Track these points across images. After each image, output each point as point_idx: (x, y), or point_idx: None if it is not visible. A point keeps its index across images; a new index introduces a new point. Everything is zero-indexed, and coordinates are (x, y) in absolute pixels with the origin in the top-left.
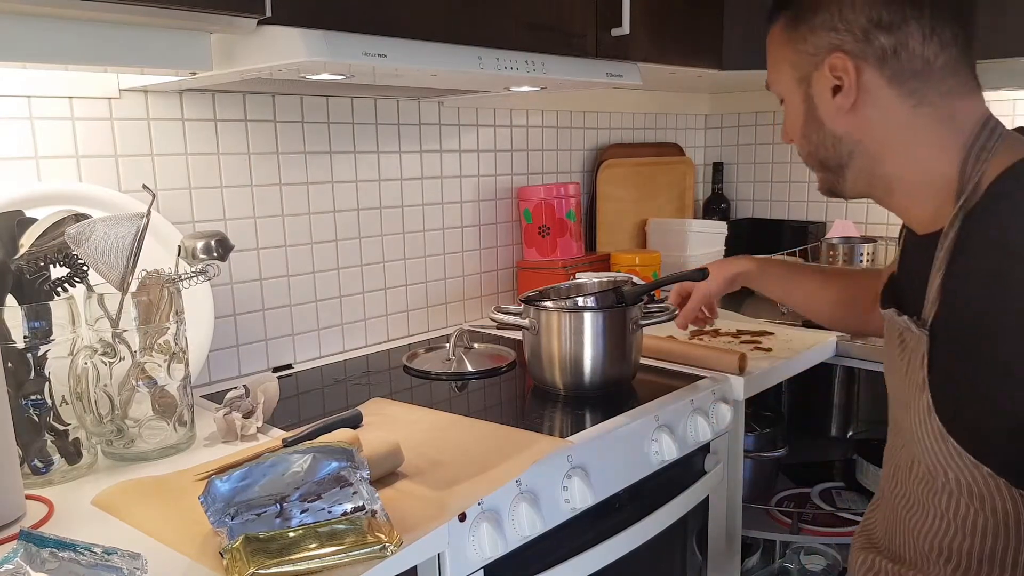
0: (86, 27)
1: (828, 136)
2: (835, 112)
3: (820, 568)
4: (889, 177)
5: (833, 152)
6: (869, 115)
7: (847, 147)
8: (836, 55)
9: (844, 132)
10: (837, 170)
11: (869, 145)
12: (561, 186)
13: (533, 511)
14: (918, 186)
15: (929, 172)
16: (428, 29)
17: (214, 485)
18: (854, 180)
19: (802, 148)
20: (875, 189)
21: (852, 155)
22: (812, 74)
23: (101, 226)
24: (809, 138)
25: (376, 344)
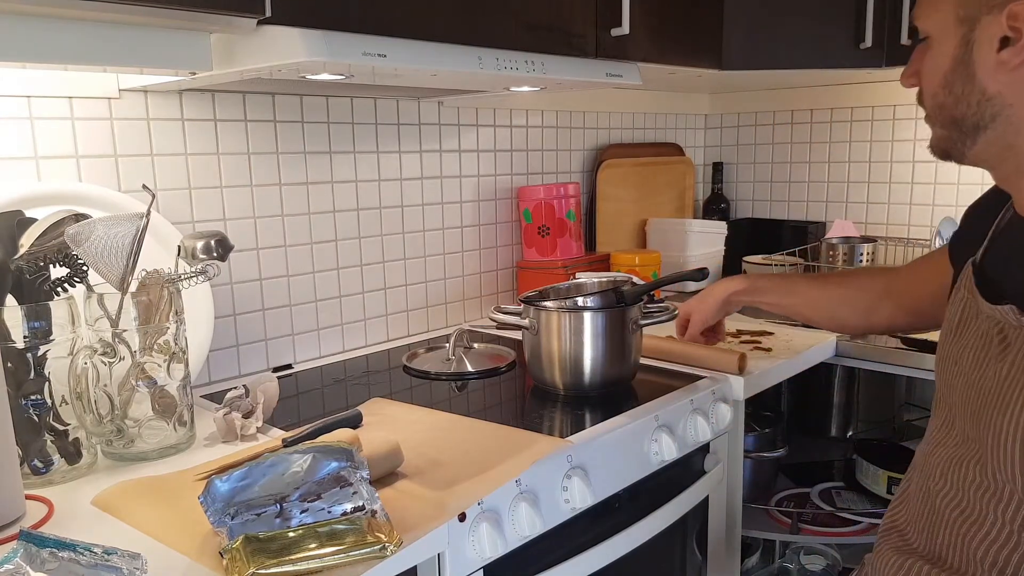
0: (86, 27)
1: (976, 91)
2: (995, 66)
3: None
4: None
5: (975, 111)
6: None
7: (993, 109)
8: (1022, 2)
9: (996, 92)
10: (970, 131)
11: (1020, 112)
12: (561, 186)
13: (533, 511)
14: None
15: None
16: (428, 29)
17: (214, 485)
18: (984, 146)
19: (935, 97)
20: (1004, 163)
21: (995, 119)
22: (982, 17)
23: (101, 226)
24: (951, 88)
25: (376, 344)
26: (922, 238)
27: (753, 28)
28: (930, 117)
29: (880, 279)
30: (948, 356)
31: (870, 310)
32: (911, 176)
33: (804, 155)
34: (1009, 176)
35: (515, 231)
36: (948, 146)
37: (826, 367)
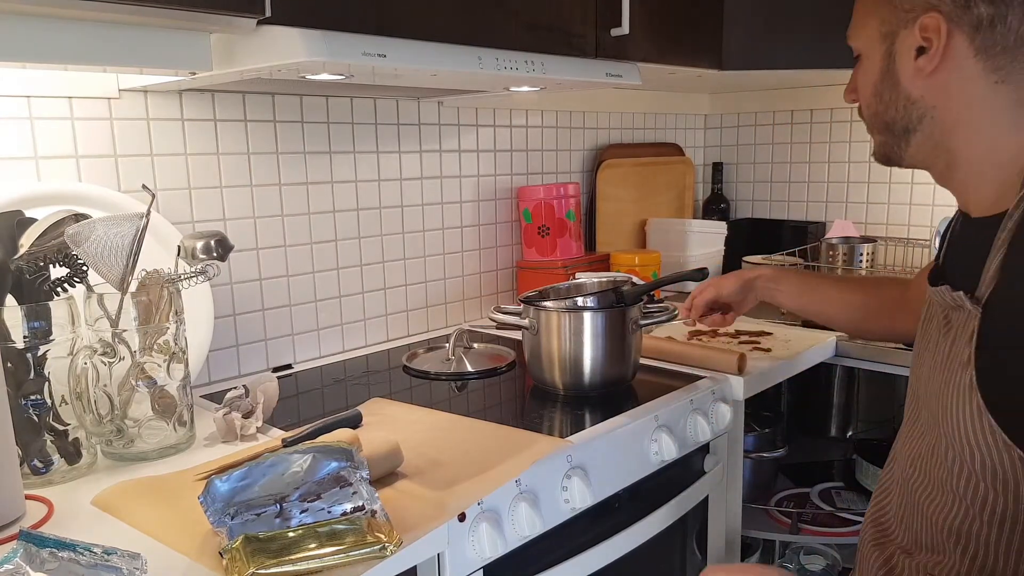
0: (86, 27)
1: (902, 97)
2: (914, 73)
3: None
4: (955, 152)
5: (902, 115)
6: (948, 82)
7: (919, 111)
8: (930, 15)
9: (919, 96)
10: (902, 134)
11: (942, 114)
12: (561, 186)
13: (533, 511)
14: (984, 165)
15: (997, 151)
16: (428, 29)
17: (214, 485)
18: (917, 147)
19: (869, 107)
20: (937, 161)
21: (922, 121)
22: (900, 31)
23: (101, 226)
24: (881, 96)
25: (376, 344)
26: (922, 238)
27: (753, 28)
28: (869, 126)
29: (897, 288)
30: (915, 351)
31: (892, 318)
32: (911, 176)
33: (804, 155)
34: (943, 173)
35: (515, 231)
36: (887, 151)
37: (826, 367)
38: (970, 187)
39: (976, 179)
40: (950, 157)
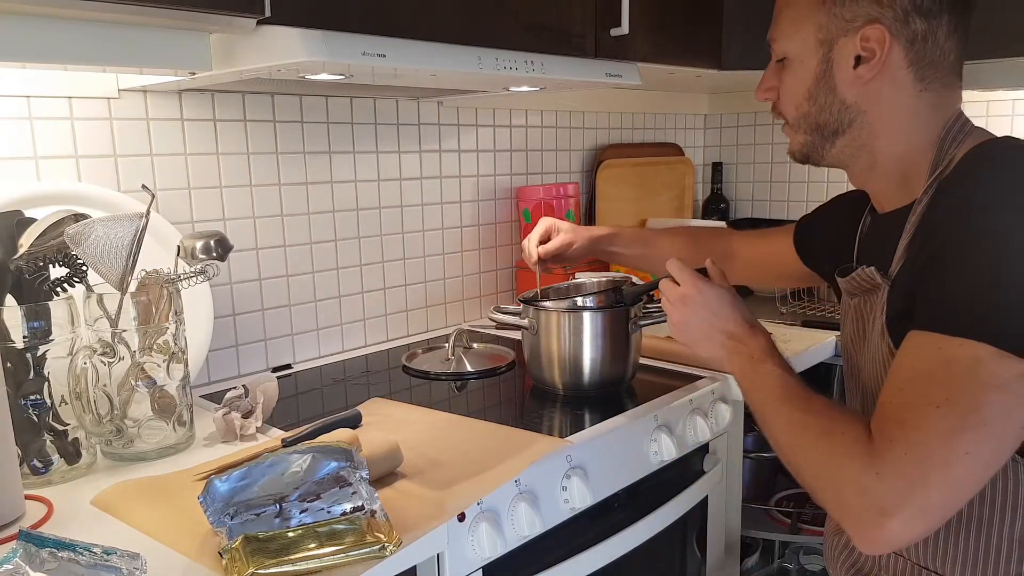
0: (85, 27)
1: (836, 101)
2: (852, 80)
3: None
4: (877, 152)
5: (835, 118)
6: (882, 90)
7: (850, 116)
8: (874, 27)
9: (853, 101)
10: (830, 136)
11: (871, 118)
12: (560, 186)
13: (532, 511)
14: (900, 164)
15: (912, 151)
16: (427, 29)
17: (213, 485)
18: (841, 149)
19: (799, 108)
20: (858, 160)
21: (852, 124)
22: (839, 39)
23: (100, 226)
24: (815, 100)
25: (375, 344)
26: None
27: (752, 28)
28: (792, 126)
29: (723, 241)
30: (846, 334)
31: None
32: None
33: None
34: (863, 172)
35: (515, 231)
36: (809, 150)
37: (826, 367)
38: (886, 184)
39: (893, 177)
40: (872, 158)
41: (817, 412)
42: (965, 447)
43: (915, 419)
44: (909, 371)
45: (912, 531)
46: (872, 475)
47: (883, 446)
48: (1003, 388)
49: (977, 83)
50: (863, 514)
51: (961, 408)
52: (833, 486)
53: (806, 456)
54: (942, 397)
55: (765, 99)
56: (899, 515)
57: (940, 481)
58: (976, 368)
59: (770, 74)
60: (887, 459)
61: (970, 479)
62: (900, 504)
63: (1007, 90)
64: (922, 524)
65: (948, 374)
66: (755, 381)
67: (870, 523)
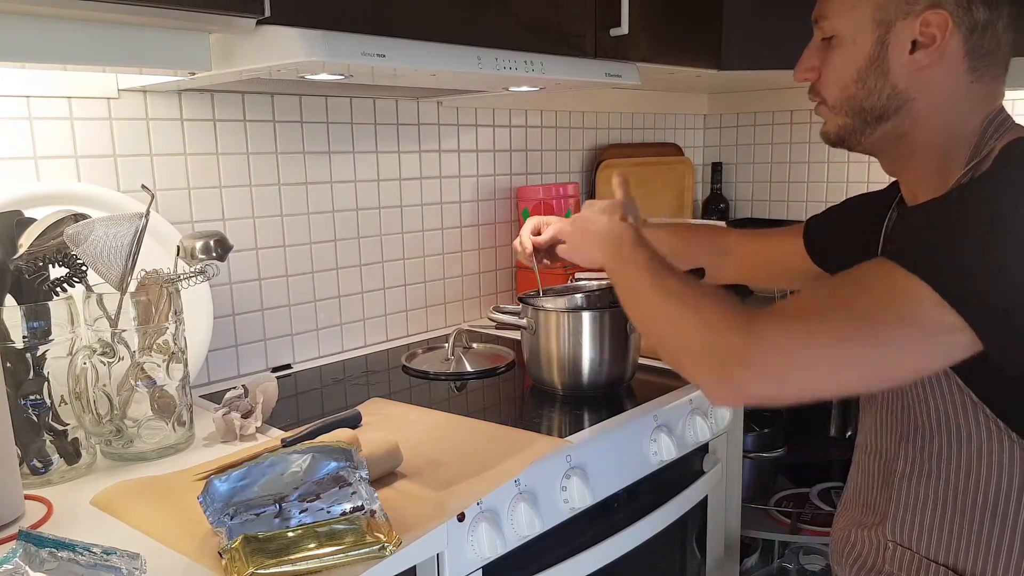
0: (86, 27)
1: (887, 86)
2: (907, 65)
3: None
4: (919, 142)
5: (882, 103)
6: (934, 79)
7: (897, 102)
8: (938, 11)
9: (904, 87)
10: (873, 121)
11: (920, 106)
12: (560, 186)
13: (532, 511)
14: (937, 154)
15: (951, 143)
16: (427, 29)
17: (213, 485)
18: (882, 135)
19: (845, 89)
20: (896, 149)
21: (898, 111)
22: (897, 21)
23: (100, 226)
24: (865, 82)
25: (375, 344)
26: None
27: (752, 28)
28: (833, 108)
29: (719, 238)
30: None
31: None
32: None
33: (803, 155)
34: (897, 161)
35: (514, 231)
36: (846, 134)
37: None
38: (922, 174)
39: (929, 167)
40: (912, 147)
41: (690, 281)
42: (854, 354)
43: (825, 308)
44: (849, 280)
45: (761, 387)
46: (744, 324)
47: (774, 312)
48: (924, 330)
49: None
50: (721, 361)
51: (874, 323)
52: (703, 338)
53: (678, 317)
54: (863, 308)
55: (805, 79)
56: (754, 367)
57: (810, 363)
58: (912, 303)
59: (812, 53)
60: (771, 322)
61: (839, 381)
62: (762, 358)
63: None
64: (772, 388)
65: (883, 294)
66: (625, 262)
67: (722, 372)
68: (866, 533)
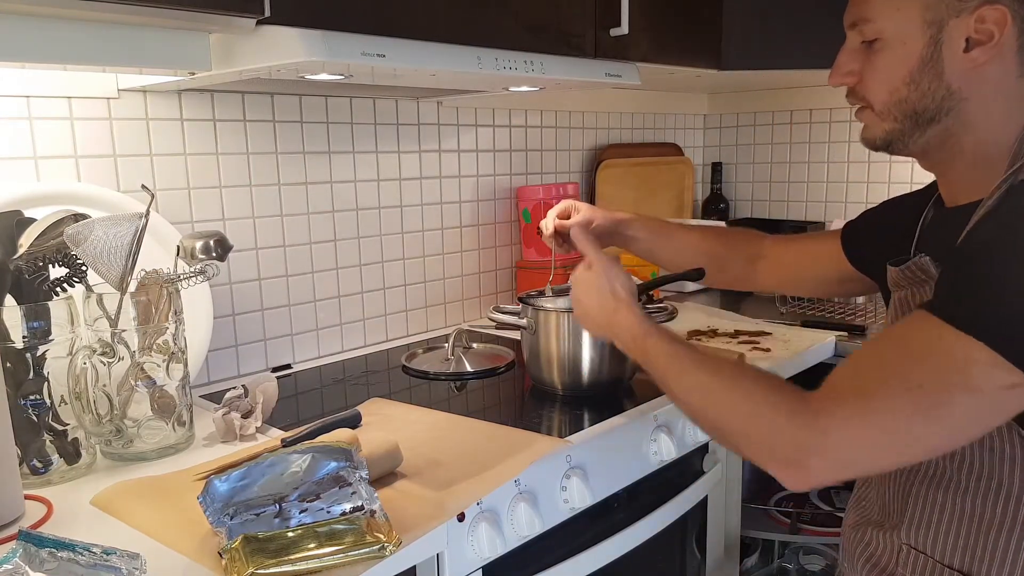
0: (86, 27)
1: (942, 87)
2: (964, 64)
3: (819, 568)
4: (964, 141)
5: (936, 105)
6: (989, 76)
7: (951, 103)
8: (995, 7)
9: (958, 87)
10: (924, 124)
11: (971, 106)
12: (560, 186)
13: (532, 511)
14: (984, 153)
15: (997, 142)
16: (427, 29)
17: (213, 485)
18: (930, 137)
19: (896, 93)
20: (942, 151)
21: (949, 112)
22: (949, 20)
23: (100, 226)
24: (918, 85)
25: (375, 344)
26: None
27: (752, 28)
28: (880, 113)
29: (754, 243)
30: None
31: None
32: (910, 176)
33: (803, 155)
34: (941, 163)
35: (514, 231)
36: (894, 138)
37: (825, 367)
38: (963, 177)
39: (971, 169)
40: (960, 147)
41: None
42: (918, 432)
43: (881, 389)
44: (900, 345)
45: (830, 475)
46: (811, 414)
47: (833, 400)
48: (982, 394)
49: None
50: (789, 450)
51: (933, 397)
52: (768, 429)
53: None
54: (918, 381)
55: (843, 83)
56: (824, 457)
57: (878, 446)
58: (966, 368)
59: (849, 57)
60: (836, 409)
61: (906, 457)
62: (830, 449)
63: None
64: (842, 473)
65: (936, 362)
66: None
67: (792, 460)
68: (881, 534)
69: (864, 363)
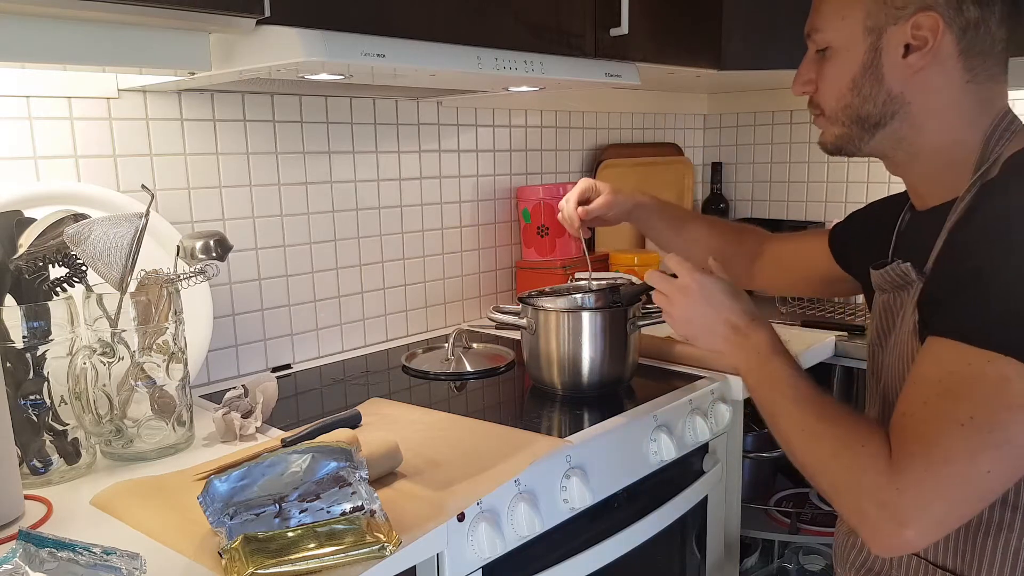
0: (85, 27)
1: (883, 92)
2: (901, 69)
3: (819, 568)
4: (919, 144)
5: (879, 109)
6: (929, 81)
7: (894, 107)
8: (928, 14)
9: (899, 92)
10: (871, 128)
11: (915, 109)
12: (560, 186)
13: (532, 511)
14: (941, 157)
15: (956, 146)
16: (427, 29)
17: (213, 485)
18: (881, 140)
19: (841, 99)
20: (897, 153)
21: (895, 116)
22: (888, 27)
23: (100, 226)
24: (860, 90)
25: (375, 344)
26: None
27: (752, 28)
28: (830, 118)
29: (756, 241)
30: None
31: (746, 268)
32: None
33: (803, 155)
34: (901, 165)
35: (514, 231)
36: (844, 143)
37: (825, 367)
38: (926, 179)
39: (933, 171)
40: (913, 150)
41: (832, 420)
42: (987, 465)
43: (938, 435)
44: (935, 384)
45: (928, 539)
46: (893, 490)
47: (903, 461)
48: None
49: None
50: (881, 524)
51: (986, 427)
52: (851, 496)
53: (822, 464)
54: (967, 415)
55: (803, 92)
56: (916, 525)
57: (960, 496)
58: (1004, 386)
59: (808, 67)
60: (907, 474)
61: (990, 492)
62: (919, 516)
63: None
64: (939, 532)
65: (974, 390)
66: (762, 379)
67: (888, 533)
68: None
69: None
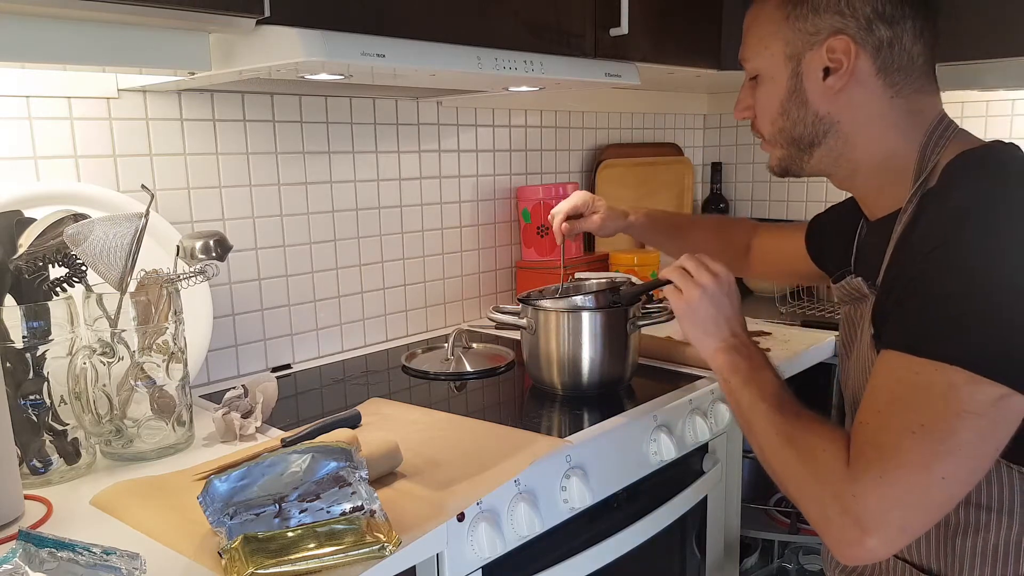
0: (85, 27)
1: (810, 114)
2: (823, 92)
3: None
4: (856, 159)
5: (810, 130)
6: (853, 99)
7: (824, 126)
8: (839, 38)
9: (825, 112)
10: (807, 148)
11: (845, 127)
12: (560, 186)
13: (532, 511)
14: (881, 170)
15: (893, 158)
16: (427, 29)
17: (213, 485)
18: (820, 159)
19: (774, 123)
20: (839, 169)
21: (827, 135)
22: (805, 53)
23: (100, 226)
24: (788, 114)
25: (375, 344)
26: None
27: None
28: (770, 142)
29: (745, 235)
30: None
31: (737, 261)
32: None
33: None
34: (845, 180)
35: (514, 231)
36: (787, 164)
37: (825, 367)
38: (871, 191)
39: (876, 184)
40: (852, 165)
41: (805, 427)
42: (942, 472)
43: (892, 443)
44: (886, 393)
45: (892, 547)
46: (851, 496)
47: (860, 468)
48: (978, 413)
49: (977, 83)
50: (843, 531)
51: (937, 434)
52: (815, 502)
53: (790, 468)
54: (918, 423)
55: (743, 118)
56: (878, 533)
57: (918, 503)
58: (951, 394)
59: (745, 93)
60: (863, 482)
61: (949, 498)
62: (879, 523)
63: (1007, 90)
64: (902, 540)
65: (923, 399)
66: (751, 382)
67: (850, 540)
68: None
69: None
